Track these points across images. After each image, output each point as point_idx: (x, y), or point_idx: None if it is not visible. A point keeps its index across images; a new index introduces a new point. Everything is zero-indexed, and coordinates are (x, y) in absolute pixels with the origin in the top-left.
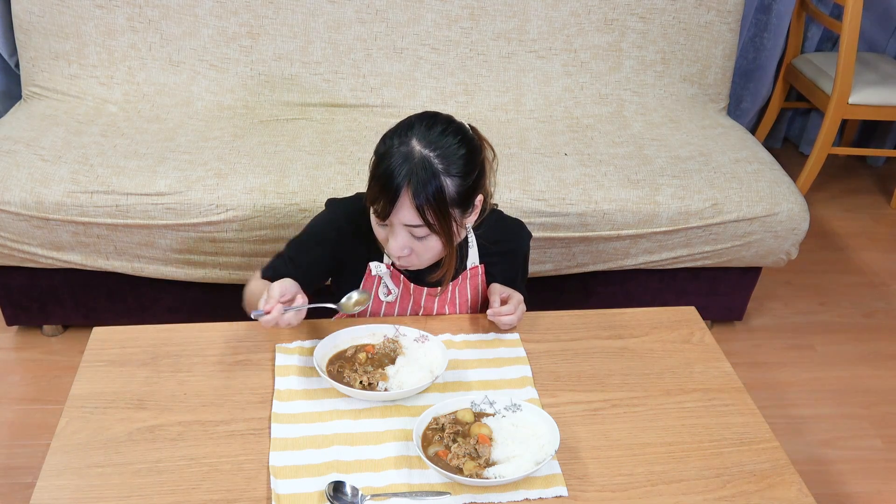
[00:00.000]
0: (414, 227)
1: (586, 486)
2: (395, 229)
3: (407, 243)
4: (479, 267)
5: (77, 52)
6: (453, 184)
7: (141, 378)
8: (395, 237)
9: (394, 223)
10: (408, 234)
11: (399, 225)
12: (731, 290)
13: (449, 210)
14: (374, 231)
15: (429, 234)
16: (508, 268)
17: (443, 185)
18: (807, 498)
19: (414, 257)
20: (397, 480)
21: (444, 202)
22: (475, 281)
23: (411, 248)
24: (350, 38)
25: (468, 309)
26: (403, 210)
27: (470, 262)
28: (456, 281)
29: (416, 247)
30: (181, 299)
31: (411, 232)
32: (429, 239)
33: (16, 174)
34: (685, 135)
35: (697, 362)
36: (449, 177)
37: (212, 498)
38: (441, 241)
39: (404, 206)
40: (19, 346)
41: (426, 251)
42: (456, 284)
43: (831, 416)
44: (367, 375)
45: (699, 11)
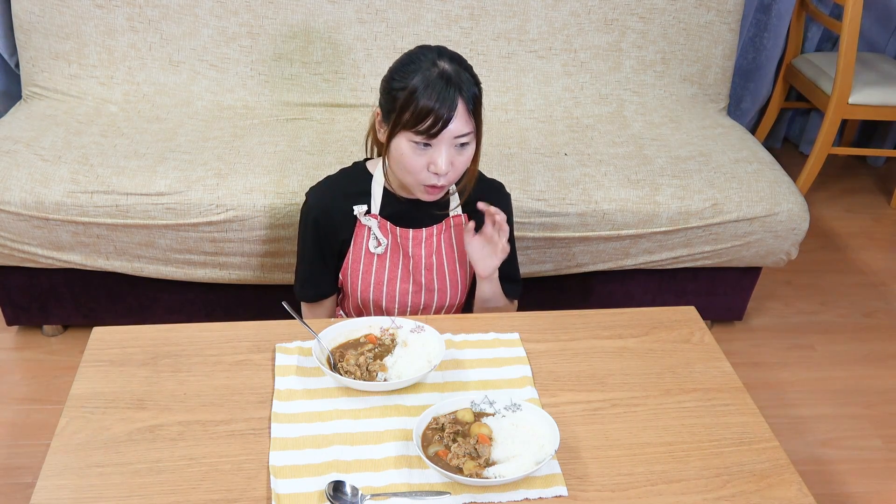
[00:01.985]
0: (463, 135)
1: (586, 486)
2: (441, 145)
3: (452, 157)
4: (462, 216)
5: (77, 52)
6: (477, 90)
7: (141, 378)
8: (441, 153)
9: (443, 138)
10: (452, 148)
11: (447, 139)
12: (731, 290)
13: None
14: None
15: (469, 143)
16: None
17: (473, 87)
18: (807, 498)
19: (451, 173)
20: (397, 480)
21: (480, 103)
22: (459, 231)
23: (452, 162)
24: (350, 38)
25: (455, 260)
26: (458, 120)
27: (452, 210)
28: (440, 227)
29: (456, 161)
30: (181, 299)
31: (458, 142)
32: (467, 149)
33: (16, 174)
34: (685, 135)
35: (697, 362)
36: (474, 85)
37: (212, 498)
38: (474, 148)
39: (459, 115)
40: (19, 346)
41: (463, 162)
42: (440, 231)
43: (831, 416)
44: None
45: (699, 11)
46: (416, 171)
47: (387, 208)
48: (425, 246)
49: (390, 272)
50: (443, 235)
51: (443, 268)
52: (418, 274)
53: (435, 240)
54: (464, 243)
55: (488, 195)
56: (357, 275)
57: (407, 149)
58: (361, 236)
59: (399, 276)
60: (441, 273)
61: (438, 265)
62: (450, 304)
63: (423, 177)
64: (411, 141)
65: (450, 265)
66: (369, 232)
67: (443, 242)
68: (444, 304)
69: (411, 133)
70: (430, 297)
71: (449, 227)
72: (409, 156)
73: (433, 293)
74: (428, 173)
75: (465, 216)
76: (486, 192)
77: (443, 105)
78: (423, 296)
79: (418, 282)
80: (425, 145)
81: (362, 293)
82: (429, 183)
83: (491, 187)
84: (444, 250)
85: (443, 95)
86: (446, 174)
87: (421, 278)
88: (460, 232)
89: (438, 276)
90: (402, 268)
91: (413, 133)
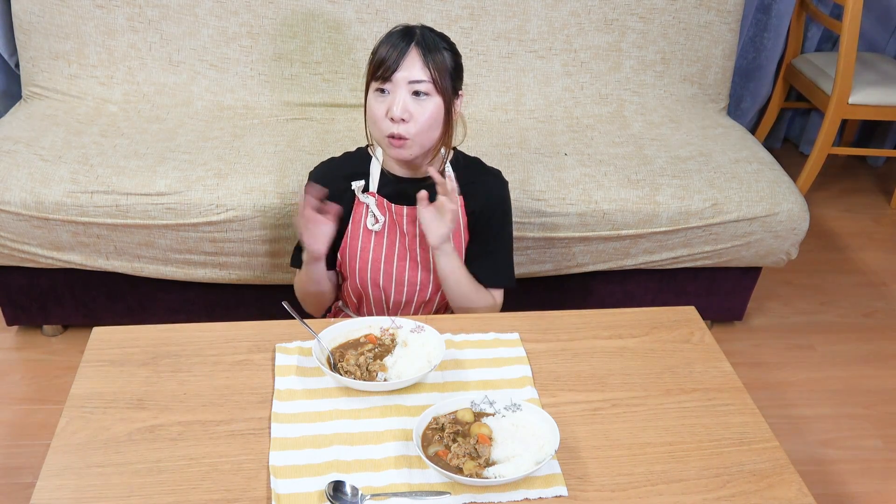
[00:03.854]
0: (418, 82)
1: (586, 486)
2: (396, 90)
3: (407, 105)
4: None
5: (77, 52)
6: (448, 56)
7: (141, 378)
8: (396, 98)
9: (397, 83)
10: (408, 95)
11: (402, 84)
12: (731, 290)
13: (448, 72)
14: (370, 110)
15: (430, 94)
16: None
17: (443, 50)
18: (807, 498)
19: (412, 125)
20: (397, 480)
21: (444, 62)
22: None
23: (410, 111)
24: (350, 38)
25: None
26: (412, 65)
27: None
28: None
29: (414, 109)
30: (181, 299)
31: (414, 89)
32: (427, 101)
33: (16, 174)
34: (685, 135)
35: (697, 362)
36: (446, 50)
37: (212, 498)
38: (439, 104)
39: (413, 60)
40: (19, 346)
41: (424, 114)
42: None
43: (831, 416)
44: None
45: (699, 11)
46: (378, 119)
47: (384, 188)
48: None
49: (388, 249)
50: None
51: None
52: (414, 252)
53: None
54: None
55: (485, 178)
56: (356, 252)
57: (371, 98)
58: (360, 214)
59: (396, 252)
60: None
61: None
62: None
63: (384, 125)
64: (374, 90)
65: None
66: (367, 209)
67: None
68: (444, 301)
69: (374, 81)
70: (427, 276)
71: None
72: (373, 104)
73: (429, 272)
74: (388, 121)
75: (460, 197)
76: (480, 177)
77: (395, 49)
78: (419, 273)
79: (415, 259)
80: (383, 91)
81: (360, 272)
82: (388, 132)
83: (488, 172)
84: None
85: (396, 42)
86: (403, 121)
87: (417, 256)
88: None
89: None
90: (398, 245)
91: (374, 80)
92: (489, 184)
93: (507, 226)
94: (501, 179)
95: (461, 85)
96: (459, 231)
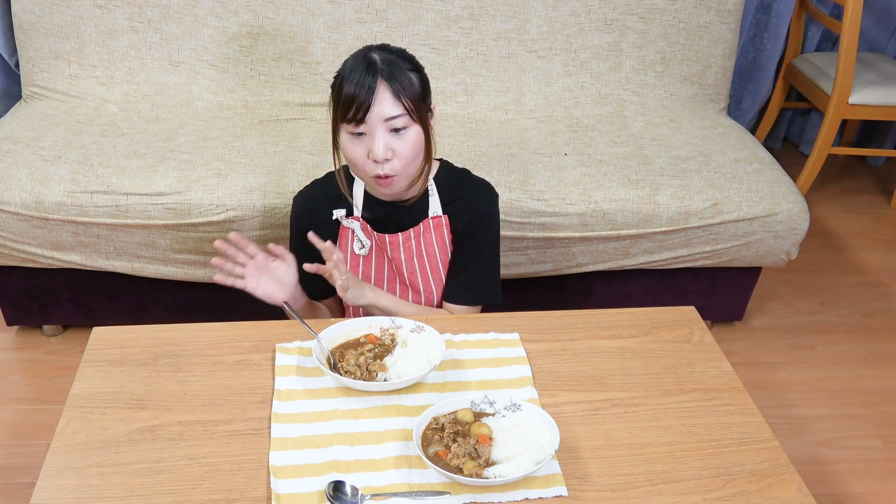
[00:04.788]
0: (394, 117)
1: (586, 486)
2: (374, 131)
3: (389, 143)
4: (441, 217)
5: (77, 52)
6: (414, 76)
7: (141, 378)
8: (375, 139)
9: (373, 123)
10: (387, 133)
11: (378, 123)
12: (731, 290)
13: (419, 96)
14: (348, 154)
15: (407, 127)
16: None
17: (407, 72)
18: (807, 498)
19: (396, 161)
20: (397, 480)
21: (414, 87)
22: (440, 231)
23: (392, 148)
24: (350, 38)
25: (437, 262)
26: (383, 101)
27: (432, 211)
28: (418, 229)
29: (396, 146)
30: (181, 299)
31: (391, 126)
32: (408, 133)
33: (16, 174)
34: (685, 135)
35: (697, 362)
36: (410, 71)
37: (212, 498)
38: (418, 132)
39: (383, 97)
40: (19, 346)
41: (406, 147)
42: (419, 233)
43: (831, 416)
44: (367, 365)
45: (699, 11)
46: (360, 162)
47: (367, 211)
48: (404, 249)
49: (376, 272)
50: (422, 237)
51: (425, 269)
52: (402, 275)
53: (414, 242)
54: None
55: (470, 193)
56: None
57: (347, 141)
58: (346, 238)
59: (385, 276)
60: (424, 274)
61: (421, 267)
62: (436, 305)
63: (369, 168)
64: (348, 133)
65: (431, 266)
66: (353, 234)
67: (423, 244)
68: (432, 303)
69: (345, 125)
70: (417, 297)
71: (428, 229)
72: (350, 148)
73: (420, 293)
74: (370, 163)
75: (445, 217)
76: (464, 193)
77: (362, 88)
78: (409, 294)
79: (404, 282)
80: (359, 134)
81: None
82: (374, 174)
83: (475, 186)
84: (425, 251)
85: (362, 80)
86: (386, 161)
87: (405, 279)
88: (440, 233)
89: (422, 278)
90: (387, 268)
91: (346, 124)
92: (474, 198)
93: (490, 241)
94: (489, 192)
95: (431, 100)
96: (446, 251)
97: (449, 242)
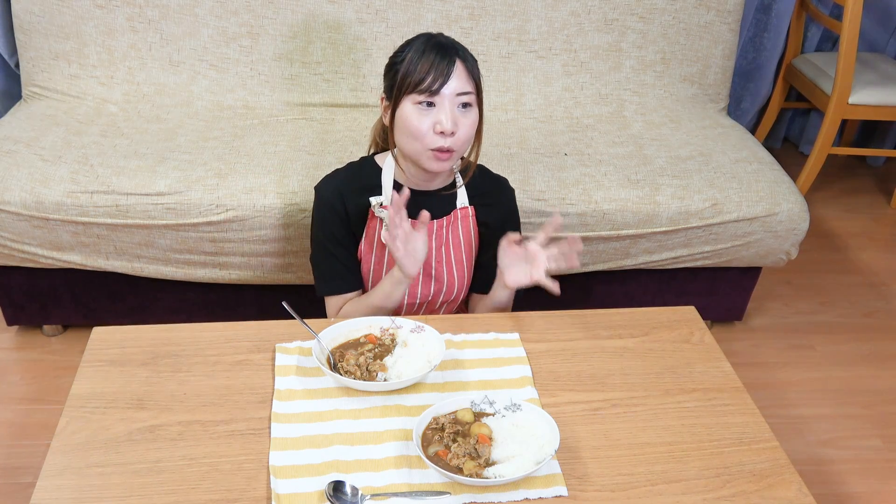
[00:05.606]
0: (465, 93)
1: (586, 486)
2: (443, 104)
3: (456, 117)
4: (468, 209)
5: (77, 52)
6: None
7: (141, 378)
8: (445, 110)
9: (444, 96)
10: (456, 108)
11: (449, 97)
12: (731, 290)
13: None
14: (411, 124)
15: (472, 105)
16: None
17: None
18: (807, 498)
19: (458, 137)
20: (397, 480)
21: (479, 72)
22: (466, 223)
23: (458, 123)
24: (350, 38)
25: (462, 254)
26: (459, 77)
27: (459, 202)
28: (449, 219)
29: (461, 121)
30: (181, 299)
31: (461, 101)
32: (471, 112)
33: (16, 174)
34: (685, 135)
35: (697, 362)
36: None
37: (212, 498)
38: (477, 115)
39: (459, 73)
40: (19, 346)
41: (468, 125)
42: (449, 224)
43: (831, 416)
44: (367, 365)
45: (699, 11)
46: (422, 133)
47: None
48: (435, 238)
49: None
50: (450, 228)
51: (450, 259)
52: (429, 265)
53: (444, 232)
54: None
55: (492, 189)
56: (369, 266)
57: (412, 112)
58: (373, 228)
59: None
60: (449, 265)
61: (447, 257)
62: (456, 295)
63: (430, 139)
64: (416, 104)
65: (457, 257)
66: (381, 223)
67: (450, 235)
68: (452, 295)
69: (415, 94)
70: (439, 287)
71: (456, 220)
72: (415, 119)
73: (442, 283)
74: (434, 135)
75: (471, 208)
76: (490, 187)
77: (442, 61)
78: (432, 286)
79: (428, 272)
80: (429, 105)
81: (373, 284)
82: (435, 146)
83: (495, 182)
84: (452, 242)
85: (441, 54)
86: (452, 134)
87: (431, 269)
88: (467, 224)
89: (447, 268)
90: None
91: (417, 94)
92: (502, 196)
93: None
94: (510, 189)
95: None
96: (471, 243)
97: (475, 234)
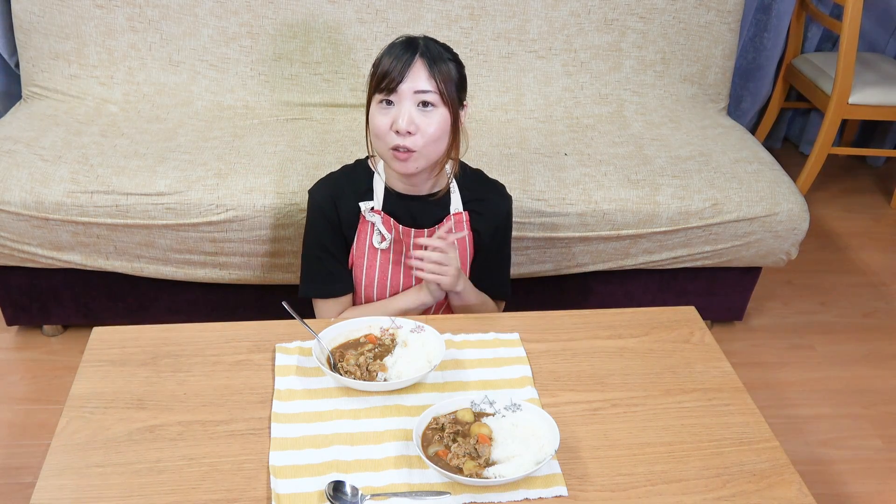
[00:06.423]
0: (424, 92)
1: (586, 486)
2: (402, 102)
3: (413, 117)
4: (462, 214)
5: (77, 52)
6: (453, 67)
7: (141, 378)
8: (401, 110)
9: (402, 93)
10: (414, 107)
11: (408, 96)
12: (731, 290)
13: (453, 82)
14: (374, 123)
15: (436, 106)
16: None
17: (447, 61)
18: (807, 498)
19: (419, 137)
20: (397, 480)
21: (450, 73)
22: (460, 228)
23: (416, 123)
24: (350, 38)
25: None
26: (416, 76)
27: (453, 208)
28: (441, 226)
29: (420, 121)
30: (181, 299)
31: (420, 100)
32: (435, 112)
33: (16, 174)
34: (685, 135)
35: (697, 362)
36: (450, 61)
37: (212, 498)
38: (445, 116)
39: (418, 72)
40: (19, 346)
41: (430, 126)
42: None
43: (831, 416)
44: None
45: (699, 11)
46: (383, 132)
47: (388, 205)
48: None
49: (394, 266)
50: None
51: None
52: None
53: None
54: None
55: (486, 197)
56: (361, 270)
57: (374, 110)
58: (365, 232)
59: (402, 271)
60: None
61: None
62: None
63: (389, 139)
64: (378, 102)
65: None
66: (373, 228)
67: None
68: (444, 301)
69: (377, 93)
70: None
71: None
72: (376, 117)
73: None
74: (392, 134)
75: (465, 213)
76: (485, 194)
77: (399, 60)
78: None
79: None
80: (388, 103)
81: (366, 288)
82: (392, 145)
83: (491, 188)
84: None
85: (399, 53)
86: (409, 133)
87: None
88: (461, 230)
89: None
90: (404, 263)
91: (378, 92)
92: (495, 202)
93: (509, 242)
94: (506, 195)
95: (465, 96)
96: (466, 249)
97: (469, 239)
